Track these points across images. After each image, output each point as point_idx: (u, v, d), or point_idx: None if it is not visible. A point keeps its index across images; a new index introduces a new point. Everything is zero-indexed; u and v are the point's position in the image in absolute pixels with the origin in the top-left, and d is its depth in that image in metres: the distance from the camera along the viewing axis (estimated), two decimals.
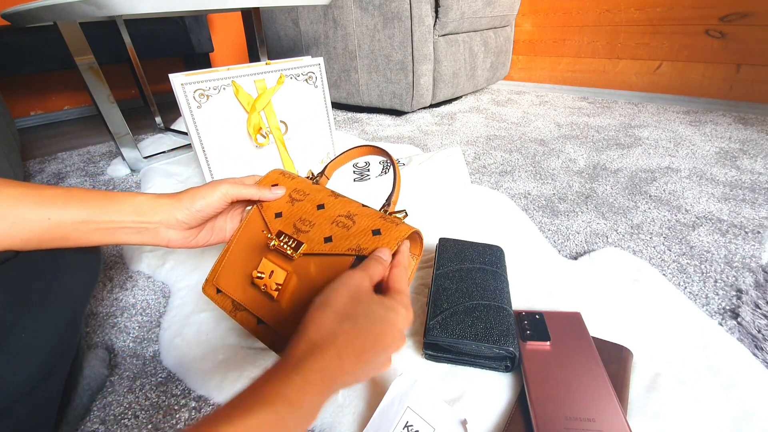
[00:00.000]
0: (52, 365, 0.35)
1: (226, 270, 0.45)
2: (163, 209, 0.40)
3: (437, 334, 0.44)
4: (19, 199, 0.32)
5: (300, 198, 0.45)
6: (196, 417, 0.42)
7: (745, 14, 1.33)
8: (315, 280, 0.39)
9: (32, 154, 1.37)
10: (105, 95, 1.02)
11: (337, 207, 0.43)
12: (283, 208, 0.45)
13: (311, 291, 0.39)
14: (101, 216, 0.36)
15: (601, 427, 0.35)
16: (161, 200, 0.40)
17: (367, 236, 0.39)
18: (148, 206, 0.39)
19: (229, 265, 0.45)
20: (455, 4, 1.38)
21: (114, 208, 0.37)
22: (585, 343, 0.44)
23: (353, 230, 0.40)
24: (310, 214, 0.43)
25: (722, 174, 0.91)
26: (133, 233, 0.39)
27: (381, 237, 0.38)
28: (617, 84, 1.70)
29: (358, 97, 1.61)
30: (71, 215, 0.34)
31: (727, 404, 0.40)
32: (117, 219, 0.37)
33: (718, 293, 0.55)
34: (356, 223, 0.41)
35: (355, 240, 0.39)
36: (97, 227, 0.36)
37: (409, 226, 0.39)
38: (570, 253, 0.66)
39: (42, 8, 0.81)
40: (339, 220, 0.42)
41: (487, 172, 0.99)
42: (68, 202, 0.34)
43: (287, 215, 0.44)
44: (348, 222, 0.41)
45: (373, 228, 0.39)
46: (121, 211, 0.37)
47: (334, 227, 0.41)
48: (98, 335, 0.54)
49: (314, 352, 0.26)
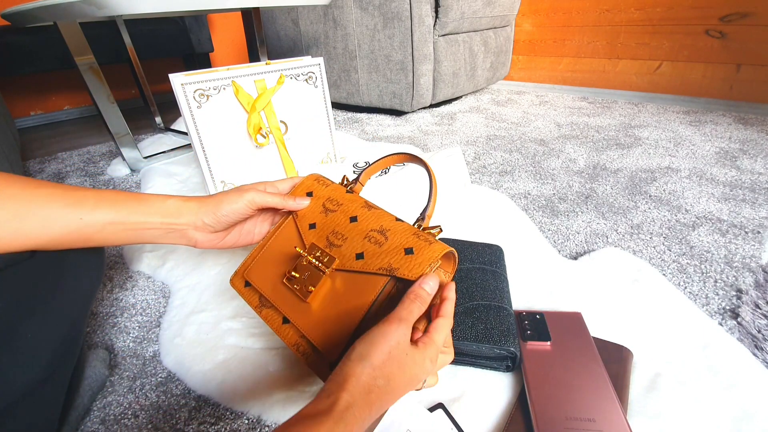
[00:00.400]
0: (56, 366, 0.35)
1: (258, 265, 0.45)
2: (189, 212, 0.41)
3: None
4: (50, 199, 0.33)
5: (334, 209, 0.45)
6: (195, 417, 0.42)
7: (745, 14, 1.33)
8: (343, 294, 0.40)
9: (32, 154, 1.37)
10: (105, 95, 1.02)
11: (370, 220, 0.42)
12: (317, 219, 0.45)
13: (339, 302, 0.40)
14: (130, 217, 0.37)
15: (602, 427, 0.35)
16: (188, 203, 0.41)
17: (399, 255, 0.38)
18: (175, 208, 0.40)
19: (262, 262, 0.45)
20: (455, 4, 1.38)
21: (142, 209, 0.38)
22: (585, 343, 0.44)
23: (385, 247, 0.39)
24: (343, 227, 0.43)
25: (722, 174, 0.91)
26: (160, 234, 0.40)
27: (414, 257, 0.37)
28: (617, 84, 1.70)
29: (358, 97, 1.61)
30: (101, 216, 0.35)
31: (727, 404, 0.40)
32: (145, 220, 0.38)
33: (718, 293, 0.55)
34: (389, 240, 0.40)
35: (386, 258, 0.38)
36: (124, 228, 0.37)
37: (443, 245, 0.38)
38: (570, 253, 0.66)
39: (42, 8, 0.81)
40: (371, 235, 0.41)
41: (487, 172, 0.99)
42: (99, 204, 0.36)
43: (321, 227, 0.44)
44: (380, 238, 0.41)
45: (406, 246, 0.38)
46: (149, 213, 0.39)
47: (366, 243, 0.41)
48: (98, 335, 0.54)
49: (352, 408, 0.28)
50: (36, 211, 0.32)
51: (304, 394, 0.43)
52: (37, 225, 0.32)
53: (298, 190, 0.48)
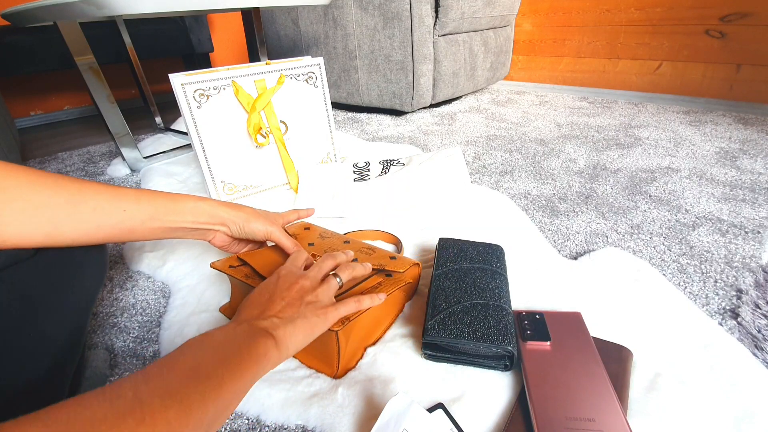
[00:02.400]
0: (58, 365, 0.35)
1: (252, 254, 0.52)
2: (219, 218, 0.46)
3: (435, 334, 0.44)
4: (99, 191, 0.36)
5: (328, 236, 0.59)
6: None
7: (745, 14, 1.33)
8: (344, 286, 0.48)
9: (32, 154, 1.37)
10: (105, 95, 1.02)
11: (359, 243, 0.55)
12: (314, 239, 0.57)
13: None
14: (166, 215, 0.41)
15: (602, 427, 0.35)
16: (220, 210, 0.46)
17: (386, 259, 0.52)
18: (207, 213, 0.45)
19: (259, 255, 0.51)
20: (455, 4, 1.38)
21: (177, 208, 0.42)
22: (585, 343, 0.44)
23: (374, 256, 0.52)
24: (338, 246, 0.55)
25: (722, 174, 0.91)
26: (188, 231, 0.44)
27: (396, 261, 0.52)
28: (617, 84, 1.70)
29: (358, 97, 1.61)
30: (142, 210, 0.38)
31: (727, 404, 0.40)
32: (179, 218, 0.42)
33: (718, 293, 0.55)
34: (376, 252, 0.54)
35: (377, 261, 0.51)
36: (161, 224, 0.40)
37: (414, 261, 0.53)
38: (570, 253, 0.66)
39: (42, 8, 0.81)
40: (362, 249, 0.54)
41: (487, 172, 0.99)
42: (140, 199, 0.39)
43: (318, 245, 0.55)
44: (370, 251, 0.54)
45: (390, 255, 0.53)
46: (183, 212, 0.42)
47: (359, 254, 0.52)
48: (98, 335, 0.54)
49: None
50: (87, 200, 0.34)
51: (303, 395, 0.43)
52: (88, 212, 0.34)
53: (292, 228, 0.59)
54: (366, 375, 0.45)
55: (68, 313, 0.35)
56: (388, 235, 0.69)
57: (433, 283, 0.52)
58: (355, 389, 0.43)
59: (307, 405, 0.42)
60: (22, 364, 0.31)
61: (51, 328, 0.33)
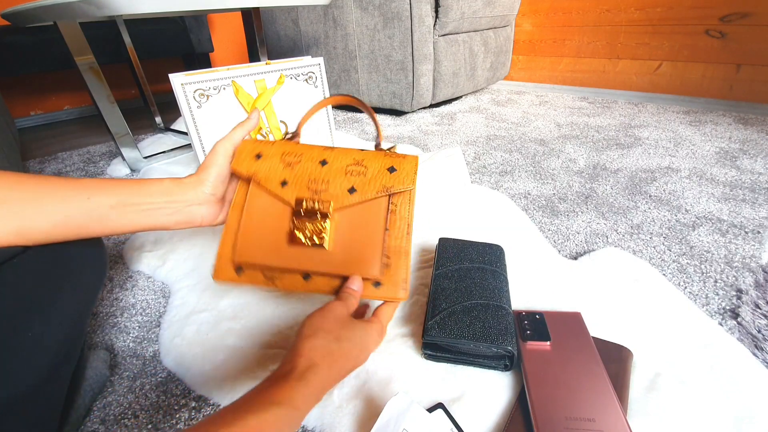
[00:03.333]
0: (57, 365, 0.35)
1: (247, 244, 0.43)
2: (188, 188, 0.42)
3: (435, 334, 0.44)
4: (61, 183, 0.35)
5: (296, 160, 0.44)
6: (196, 417, 0.42)
7: (745, 14, 1.33)
8: (353, 226, 0.42)
9: (32, 154, 1.37)
10: (105, 95, 1.02)
11: (339, 158, 0.44)
12: (284, 175, 0.43)
13: (354, 234, 0.42)
14: (134, 198, 0.39)
15: (602, 427, 0.35)
16: (185, 180, 0.43)
17: (386, 175, 0.43)
18: (174, 187, 0.42)
19: (248, 239, 0.43)
20: (455, 4, 1.38)
21: (144, 191, 0.40)
22: (585, 343, 0.44)
23: (370, 174, 0.43)
24: (317, 173, 0.43)
25: (722, 174, 0.91)
26: (167, 215, 0.41)
27: (398, 173, 0.43)
28: (617, 84, 1.70)
29: (358, 97, 1.61)
30: (108, 195, 0.37)
31: (727, 404, 0.40)
32: (150, 200, 0.40)
33: (718, 293, 0.55)
34: (368, 168, 0.43)
35: (377, 182, 0.42)
36: (132, 209, 0.38)
37: (412, 155, 0.45)
38: (570, 253, 0.66)
39: (42, 8, 0.81)
40: (350, 169, 0.43)
41: (487, 172, 0.99)
42: (104, 185, 0.37)
43: (293, 181, 0.43)
44: (360, 168, 0.43)
45: (387, 166, 0.43)
46: (151, 193, 0.40)
47: (350, 177, 0.43)
48: (98, 335, 0.54)
49: (314, 368, 0.32)
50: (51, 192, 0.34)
51: None
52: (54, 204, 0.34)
53: (242, 156, 0.45)
54: (365, 375, 0.45)
55: (65, 314, 0.35)
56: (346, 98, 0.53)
57: (434, 283, 0.52)
58: (353, 389, 0.43)
59: None
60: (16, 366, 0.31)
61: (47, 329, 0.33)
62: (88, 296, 0.39)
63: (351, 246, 0.42)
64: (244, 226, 0.43)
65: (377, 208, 0.42)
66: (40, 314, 0.32)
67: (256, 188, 0.44)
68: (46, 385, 0.34)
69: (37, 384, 0.32)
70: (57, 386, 0.36)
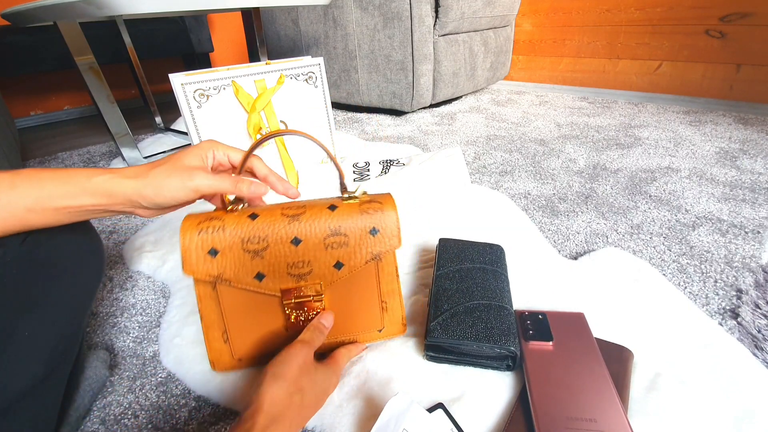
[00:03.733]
0: (54, 365, 0.35)
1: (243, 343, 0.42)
2: (122, 193, 0.34)
3: (438, 335, 0.44)
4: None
5: (262, 246, 0.38)
6: (196, 417, 0.42)
7: (745, 14, 1.33)
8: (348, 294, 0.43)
9: (32, 154, 1.37)
10: (105, 95, 1.02)
11: (312, 231, 0.38)
12: (256, 267, 0.38)
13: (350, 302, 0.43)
14: (54, 202, 0.32)
15: (603, 427, 0.35)
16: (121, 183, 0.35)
17: (369, 239, 0.40)
18: (104, 189, 0.34)
19: (243, 337, 0.42)
20: (455, 4, 1.38)
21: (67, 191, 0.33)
22: (587, 343, 0.44)
23: (352, 243, 0.39)
24: (293, 255, 0.38)
25: (722, 174, 0.91)
26: (97, 213, 0.35)
27: (381, 234, 0.40)
28: (617, 84, 1.70)
29: (358, 97, 1.61)
30: (21, 196, 0.31)
31: (727, 404, 0.40)
32: (74, 203, 0.33)
33: (718, 293, 0.55)
34: (348, 235, 0.39)
35: (363, 250, 0.40)
36: (54, 208, 0.33)
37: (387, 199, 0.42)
38: (570, 253, 0.66)
39: (42, 8, 0.81)
40: (329, 242, 0.39)
41: (487, 172, 0.99)
42: (16, 182, 0.31)
43: (270, 272, 0.39)
44: (340, 239, 0.39)
45: (368, 229, 0.40)
46: (75, 194, 0.33)
47: (332, 251, 0.39)
48: (98, 335, 0.54)
49: (274, 424, 0.31)
50: None
51: None
52: None
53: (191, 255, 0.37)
54: (365, 375, 0.45)
55: (60, 312, 0.35)
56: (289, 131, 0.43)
57: (435, 284, 0.52)
58: (353, 390, 0.43)
59: None
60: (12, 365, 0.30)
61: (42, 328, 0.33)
62: (84, 295, 0.39)
63: (349, 310, 0.43)
64: (232, 325, 0.41)
65: (367, 270, 0.42)
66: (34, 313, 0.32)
67: (227, 289, 0.39)
68: (42, 384, 0.33)
69: (34, 384, 0.32)
70: (54, 386, 0.36)
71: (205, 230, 0.37)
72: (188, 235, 0.37)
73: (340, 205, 0.40)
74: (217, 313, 0.40)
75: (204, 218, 0.38)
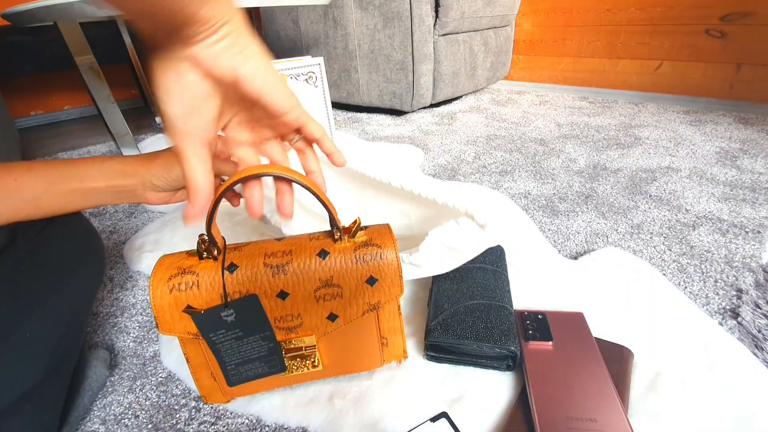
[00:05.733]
0: (56, 365, 0.35)
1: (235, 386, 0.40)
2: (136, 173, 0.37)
3: (438, 335, 0.44)
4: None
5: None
6: (196, 417, 0.42)
7: (745, 14, 1.33)
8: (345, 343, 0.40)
9: (32, 155, 1.37)
10: (105, 95, 1.02)
11: (299, 281, 0.34)
12: None
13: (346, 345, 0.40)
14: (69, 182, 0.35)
15: (603, 427, 0.35)
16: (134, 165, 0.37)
17: (367, 290, 0.35)
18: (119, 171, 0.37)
19: None
20: (455, 4, 1.37)
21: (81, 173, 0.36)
22: (587, 343, 0.44)
23: (347, 295, 0.35)
24: (281, 310, 0.35)
25: (722, 174, 0.91)
26: (109, 196, 0.37)
27: (380, 283, 0.35)
28: (617, 84, 1.70)
29: (358, 96, 1.61)
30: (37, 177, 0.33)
31: (727, 404, 0.40)
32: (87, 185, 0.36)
33: (718, 293, 0.55)
34: (342, 286, 0.35)
35: (359, 302, 0.36)
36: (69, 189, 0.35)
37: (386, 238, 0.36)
38: (570, 253, 0.66)
39: (42, 8, 0.81)
40: (321, 294, 0.35)
41: (487, 172, 0.99)
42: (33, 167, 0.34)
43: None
44: (332, 290, 0.35)
45: (365, 278, 0.35)
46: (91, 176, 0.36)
47: (325, 304, 0.35)
48: (98, 335, 0.54)
49: None
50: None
51: (303, 396, 0.43)
52: None
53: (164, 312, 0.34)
54: (366, 375, 0.45)
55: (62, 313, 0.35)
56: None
57: (435, 284, 0.52)
58: (353, 391, 0.43)
59: (306, 410, 0.42)
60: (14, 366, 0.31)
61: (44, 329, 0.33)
62: (86, 295, 0.39)
63: (346, 353, 0.41)
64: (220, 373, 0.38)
65: (367, 324, 0.39)
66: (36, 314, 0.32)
67: None
68: (44, 385, 0.33)
69: (36, 384, 0.32)
70: (56, 386, 0.36)
71: (177, 288, 0.33)
72: (159, 292, 0.33)
73: (331, 250, 0.35)
74: (202, 356, 0.38)
75: (175, 271, 0.34)
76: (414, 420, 0.39)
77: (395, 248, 0.35)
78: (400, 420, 0.40)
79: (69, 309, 0.36)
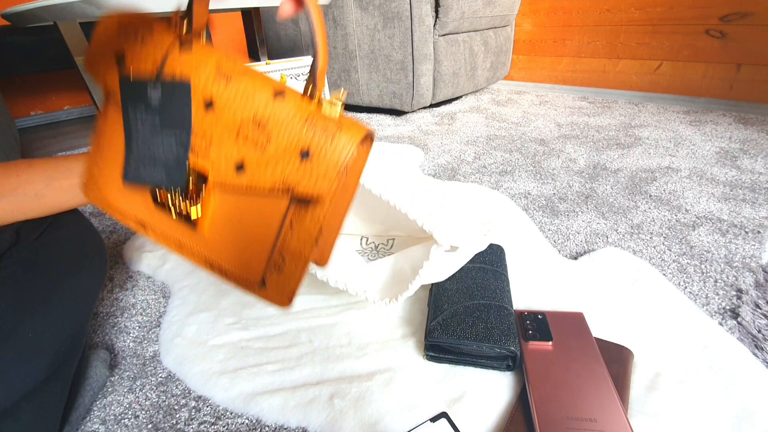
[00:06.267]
0: (58, 365, 0.35)
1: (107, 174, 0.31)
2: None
3: (438, 335, 0.44)
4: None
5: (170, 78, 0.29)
6: (196, 417, 0.42)
7: (745, 14, 1.33)
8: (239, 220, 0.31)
9: (32, 155, 1.37)
10: None
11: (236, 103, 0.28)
12: None
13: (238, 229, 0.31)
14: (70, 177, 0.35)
15: (603, 427, 0.35)
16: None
17: (293, 161, 0.27)
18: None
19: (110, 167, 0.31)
20: (455, 4, 1.37)
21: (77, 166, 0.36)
22: (587, 343, 0.44)
23: (270, 151, 0.28)
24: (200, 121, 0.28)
25: (722, 174, 0.91)
26: None
27: (312, 162, 0.27)
28: (617, 84, 1.70)
29: (358, 97, 1.61)
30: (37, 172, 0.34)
31: (727, 404, 0.40)
32: None
33: (718, 293, 0.55)
34: (272, 139, 0.28)
35: (276, 168, 0.28)
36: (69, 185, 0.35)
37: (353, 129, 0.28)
38: (570, 253, 0.66)
39: (42, 8, 0.81)
40: (245, 131, 0.28)
41: (487, 172, 0.99)
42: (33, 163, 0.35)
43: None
44: (259, 136, 0.28)
45: (302, 147, 0.27)
46: None
47: (242, 145, 0.28)
48: (98, 335, 0.54)
49: None
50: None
51: (304, 396, 0.43)
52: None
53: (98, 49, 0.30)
54: (366, 375, 0.45)
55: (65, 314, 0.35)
56: None
57: (434, 284, 0.52)
58: (353, 391, 0.43)
59: (306, 410, 0.42)
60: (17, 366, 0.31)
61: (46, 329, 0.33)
62: (88, 296, 0.39)
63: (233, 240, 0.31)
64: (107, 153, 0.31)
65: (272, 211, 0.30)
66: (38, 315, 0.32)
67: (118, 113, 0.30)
68: (45, 385, 0.34)
69: (38, 385, 0.32)
70: (58, 386, 0.36)
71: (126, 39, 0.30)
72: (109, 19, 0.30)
73: (290, 97, 0.28)
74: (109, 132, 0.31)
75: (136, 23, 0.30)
76: (414, 420, 0.39)
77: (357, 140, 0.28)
78: (400, 420, 0.40)
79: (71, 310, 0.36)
